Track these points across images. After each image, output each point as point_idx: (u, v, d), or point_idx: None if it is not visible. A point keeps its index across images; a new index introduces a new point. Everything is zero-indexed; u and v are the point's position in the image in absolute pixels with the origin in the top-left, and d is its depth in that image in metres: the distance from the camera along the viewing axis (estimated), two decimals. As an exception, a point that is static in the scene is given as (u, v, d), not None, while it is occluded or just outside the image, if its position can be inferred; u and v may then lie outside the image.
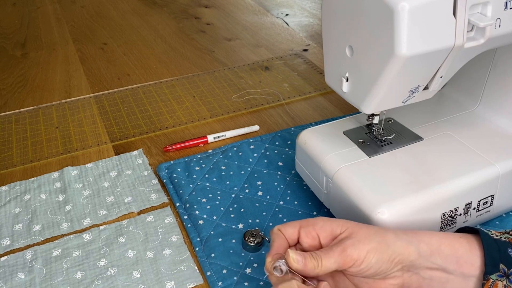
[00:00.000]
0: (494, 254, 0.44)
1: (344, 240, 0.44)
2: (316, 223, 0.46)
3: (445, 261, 0.44)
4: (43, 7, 1.46)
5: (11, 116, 0.90)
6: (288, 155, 0.75)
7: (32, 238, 0.63)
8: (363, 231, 0.44)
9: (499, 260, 0.44)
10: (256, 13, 1.35)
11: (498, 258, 0.44)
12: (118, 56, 1.13)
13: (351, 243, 0.43)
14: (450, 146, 0.60)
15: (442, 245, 0.45)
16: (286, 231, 0.46)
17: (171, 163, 0.74)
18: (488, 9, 0.47)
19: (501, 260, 0.44)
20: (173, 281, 0.56)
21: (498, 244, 0.45)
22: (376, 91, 0.51)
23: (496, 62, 0.62)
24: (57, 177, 0.73)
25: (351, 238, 0.43)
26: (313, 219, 0.47)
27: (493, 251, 0.44)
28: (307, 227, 0.46)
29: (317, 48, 1.12)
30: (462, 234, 0.47)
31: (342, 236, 0.44)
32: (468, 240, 0.46)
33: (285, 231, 0.46)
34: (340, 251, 0.42)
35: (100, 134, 0.83)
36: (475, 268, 0.44)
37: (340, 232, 0.45)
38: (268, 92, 0.94)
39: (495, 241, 0.45)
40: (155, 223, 0.64)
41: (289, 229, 0.46)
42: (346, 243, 0.43)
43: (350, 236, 0.44)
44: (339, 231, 0.45)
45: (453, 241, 0.45)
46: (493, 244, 0.45)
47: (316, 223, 0.46)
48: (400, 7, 0.44)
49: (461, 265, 0.44)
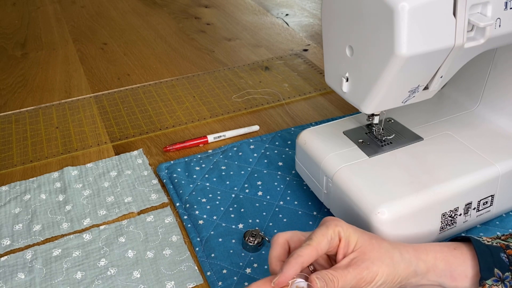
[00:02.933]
0: (487, 259, 0.45)
1: (358, 262, 0.44)
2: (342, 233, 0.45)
3: (440, 275, 0.46)
4: (43, 7, 1.46)
5: (11, 116, 0.90)
6: (288, 155, 0.75)
7: (32, 238, 0.63)
8: (376, 252, 0.44)
9: (493, 264, 0.45)
10: (256, 13, 1.35)
11: (492, 262, 0.45)
12: (118, 56, 1.13)
13: (366, 267, 0.43)
14: (450, 146, 0.60)
15: (437, 260, 0.46)
16: (320, 244, 0.44)
17: (171, 163, 0.74)
18: (488, 9, 0.47)
19: (495, 265, 0.45)
20: (173, 281, 0.56)
21: (491, 250, 0.46)
22: (376, 91, 0.51)
23: (496, 62, 0.62)
24: (57, 177, 0.73)
25: (365, 260, 0.44)
26: (334, 225, 0.45)
27: (487, 256, 0.45)
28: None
29: (317, 48, 1.12)
30: (456, 244, 0.48)
31: (355, 256, 0.44)
32: (462, 251, 0.47)
33: (318, 244, 0.44)
34: (356, 275, 0.43)
35: (100, 134, 0.83)
36: (468, 279, 0.46)
37: (353, 249, 0.45)
38: (268, 92, 0.94)
39: (487, 247, 0.46)
40: (155, 223, 0.64)
41: (323, 242, 0.44)
42: (361, 266, 0.43)
43: (363, 257, 0.44)
44: (352, 248, 0.45)
45: (448, 254, 0.46)
46: (486, 249, 0.46)
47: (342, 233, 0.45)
48: (400, 7, 0.44)
49: (455, 278, 0.46)
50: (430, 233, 0.54)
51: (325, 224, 0.45)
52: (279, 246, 0.46)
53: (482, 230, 0.59)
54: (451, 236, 0.57)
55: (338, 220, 0.46)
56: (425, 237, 0.54)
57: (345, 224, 0.46)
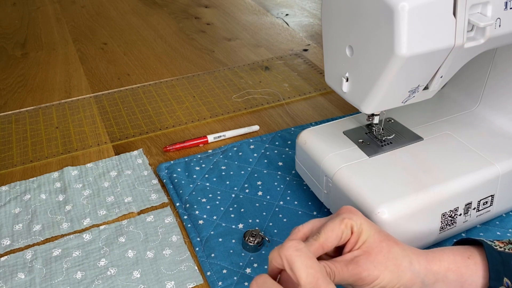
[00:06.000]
0: (498, 267, 0.44)
1: (360, 261, 0.43)
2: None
3: (449, 286, 0.45)
4: (43, 7, 1.46)
5: (11, 116, 0.90)
6: (288, 155, 0.75)
7: (32, 238, 0.63)
8: (382, 256, 0.43)
9: (503, 273, 0.44)
10: (256, 13, 1.35)
11: (502, 271, 0.44)
12: (118, 56, 1.13)
13: (367, 269, 0.42)
14: (450, 146, 0.60)
15: (449, 271, 0.45)
16: (327, 240, 0.44)
17: (171, 163, 0.74)
18: (488, 9, 0.47)
19: (505, 274, 0.44)
20: (173, 281, 0.56)
21: (502, 257, 0.45)
22: (376, 91, 0.51)
23: (496, 62, 0.62)
24: (57, 177, 0.73)
25: (367, 262, 0.43)
26: (348, 219, 0.44)
27: (498, 264, 0.44)
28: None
29: (317, 48, 1.12)
30: (470, 252, 0.46)
31: (359, 254, 0.43)
32: (476, 261, 0.45)
33: (325, 240, 0.43)
34: (354, 274, 0.42)
35: (100, 134, 0.83)
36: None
37: (360, 246, 0.44)
38: (268, 92, 0.94)
39: (499, 254, 0.45)
40: (155, 223, 0.64)
41: (331, 237, 0.44)
42: (362, 267, 0.42)
43: (367, 258, 0.43)
44: (359, 244, 0.44)
45: (461, 265, 0.45)
46: (497, 257, 0.45)
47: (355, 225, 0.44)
48: (400, 7, 0.44)
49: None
50: (430, 233, 0.54)
51: (339, 217, 0.44)
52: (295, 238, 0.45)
53: (482, 230, 0.59)
54: (451, 236, 0.57)
55: (354, 213, 0.45)
56: (425, 237, 0.54)
57: (361, 218, 0.44)
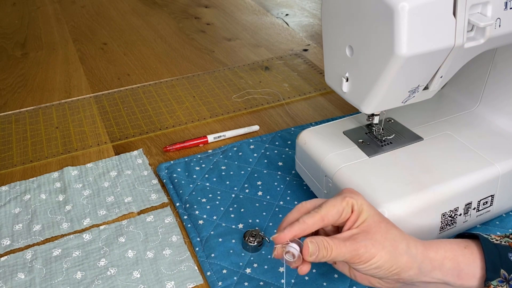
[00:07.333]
0: (494, 259, 0.44)
1: (358, 238, 0.43)
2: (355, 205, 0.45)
3: (446, 275, 0.45)
4: (43, 7, 1.46)
5: (11, 116, 0.90)
6: (288, 155, 0.75)
7: (32, 238, 0.63)
8: (380, 235, 0.44)
9: (500, 265, 0.44)
10: (256, 13, 1.35)
11: (499, 263, 0.44)
12: (118, 56, 1.13)
13: (364, 246, 0.43)
14: (450, 146, 0.60)
15: (445, 259, 0.45)
16: (328, 213, 0.44)
17: (171, 163, 0.74)
18: (488, 9, 0.47)
19: (502, 265, 0.44)
20: (173, 281, 0.56)
21: (499, 249, 0.45)
22: (376, 91, 0.51)
23: (496, 62, 0.62)
24: (57, 177, 0.73)
25: (365, 239, 0.43)
26: (349, 197, 0.45)
27: (494, 256, 0.44)
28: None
29: (317, 48, 1.12)
30: (466, 242, 0.47)
31: (358, 232, 0.44)
32: (472, 250, 0.46)
33: (326, 213, 0.44)
34: (352, 250, 0.43)
35: (100, 134, 0.83)
36: (476, 279, 0.45)
37: (359, 225, 0.44)
38: (268, 92, 0.94)
39: (496, 246, 0.45)
40: (155, 223, 0.64)
41: (332, 212, 0.45)
42: (360, 243, 0.43)
43: (365, 236, 0.43)
44: (359, 223, 0.44)
45: (457, 254, 0.46)
46: (494, 249, 0.45)
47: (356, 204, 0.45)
48: (400, 7, 0.44)
49: (462, 277, 0.45)
50: (430, 233, 0.54)
51: (341, 195, 0.45)
52: (298, 212, 0.46)
53: (482, 230, 0.59)
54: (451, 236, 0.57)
55: (356, 194, 0.46)
56: (425, 237, 0.54)
57: (362, 199, 0.45)
